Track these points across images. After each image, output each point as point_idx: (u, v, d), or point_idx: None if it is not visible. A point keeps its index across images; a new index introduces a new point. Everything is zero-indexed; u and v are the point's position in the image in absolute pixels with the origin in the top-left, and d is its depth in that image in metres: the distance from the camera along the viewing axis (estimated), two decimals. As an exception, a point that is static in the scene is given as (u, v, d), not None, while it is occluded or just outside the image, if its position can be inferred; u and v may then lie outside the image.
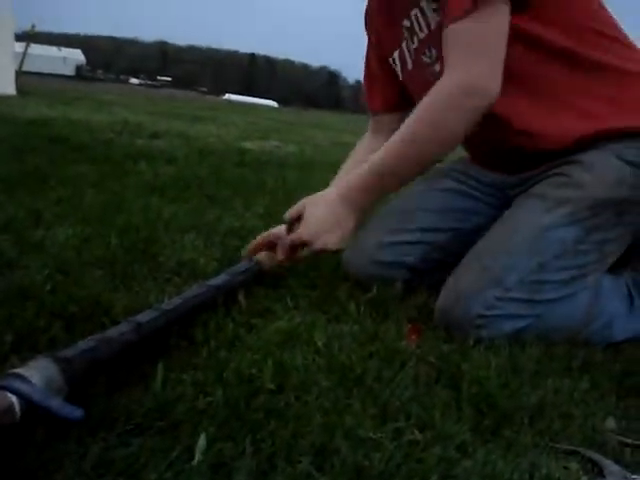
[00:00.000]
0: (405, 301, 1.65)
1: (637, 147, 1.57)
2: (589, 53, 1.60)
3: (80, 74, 61.87)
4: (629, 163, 1.56)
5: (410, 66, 1.80)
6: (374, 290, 1.66)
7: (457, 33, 1.49)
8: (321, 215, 1.58)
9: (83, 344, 1.07)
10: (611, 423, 1.22)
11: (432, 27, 1.65)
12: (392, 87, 1.93)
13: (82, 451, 0.90)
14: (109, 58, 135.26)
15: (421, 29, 1.68)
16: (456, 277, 1.57)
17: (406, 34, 1.74)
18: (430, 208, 1.83)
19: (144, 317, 1.22)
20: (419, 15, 1.66)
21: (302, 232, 1.58)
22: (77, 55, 68.63)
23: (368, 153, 1.82)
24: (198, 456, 0.92)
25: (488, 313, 1.50)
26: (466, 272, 1.56)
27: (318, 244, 1.58)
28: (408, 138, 1.55)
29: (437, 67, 1.69)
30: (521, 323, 1.52)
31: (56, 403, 0.89)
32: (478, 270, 1.54)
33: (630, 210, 1.58)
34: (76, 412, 0.88)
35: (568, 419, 1.19)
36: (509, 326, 1.51)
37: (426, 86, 1.58)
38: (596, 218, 1.54)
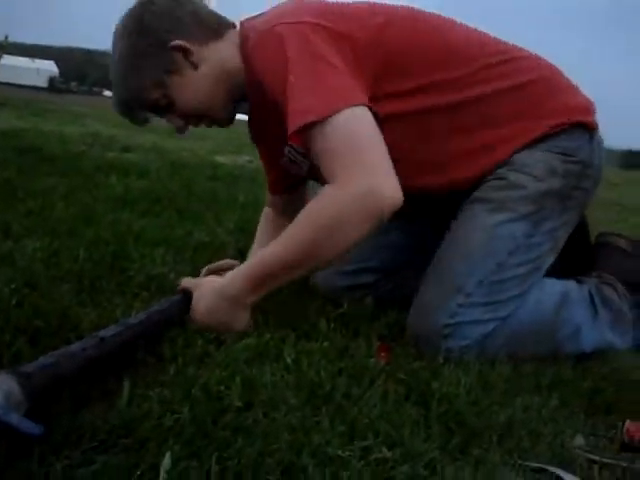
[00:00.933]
0: (375, 318, 1.65)
1: (561, 140, 1.60)
2: (467, 93, 1.60)
3: (53, 86, 61.47)
4: (555, 153, 1.59)
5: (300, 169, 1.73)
6: (344, 306, 1.65)
7: (318, 145, 1.41)
8: (208, 307, 1.45)
9: (44, 359, 1.06)
10: (580, 440, 1.22)
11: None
12: (279, 172, 1.90)
13: (44, 470, 0.88)
14: (83, 70, 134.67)
15: (301, 166, 1.67)
16: (420, 291, 1.58)
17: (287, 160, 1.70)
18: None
19: (107, 332, 1.21)
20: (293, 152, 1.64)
21: (194, 318, 1.46)
22: (50, 67, 68.33)
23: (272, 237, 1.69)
24: (163, 475, 0.91)
25: (452, 321, 1.51)
26: (427, 285, 1.58)
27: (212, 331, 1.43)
28: (296, 248, 1.42)
29: None
30: (486, 328, 1.53)
31: (16, 418, 0.87)
32: (438, 281, 1.56)
33: (571, 195, 1.61)
34: (35, 428, 0.86)
35: (537, 437, 1.19)
36: (475, 332, 1.52)
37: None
38: (542, 210, 1.57)
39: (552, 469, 1.09)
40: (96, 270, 1.71)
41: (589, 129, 1.63)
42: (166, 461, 0.93)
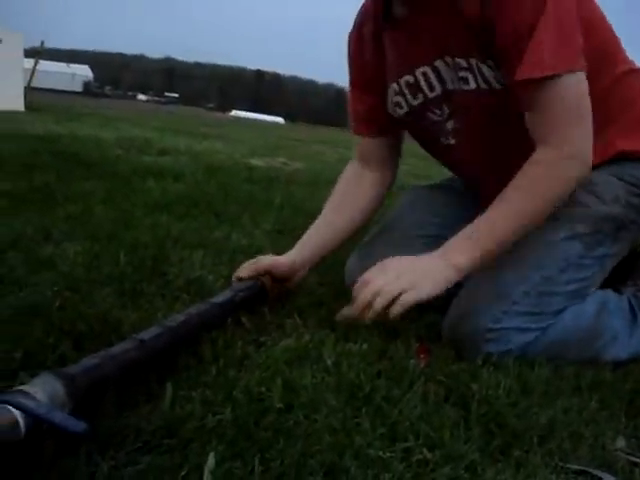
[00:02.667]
0: (414, 320, 1.65)
1: (631, 168, 1.62)
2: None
3: (88, 90, 62.18)
4: (625, 182, 1.60)
5: (403, 110, 1.75)
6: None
7: (548, 99, 1.46)
8: (410, 264, 1.48)
9: (87, 361, 1.08)
10: (621, 442, 1.21)
11: (455, 87, 1.61)
12: (377, 111, 1.84)
13: (91, 469, 0.90)
14: (117, 74, 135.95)
15: (432, 88, 1.65)
16: (466, 293, 1.57)
17: (405, 89, 1.70)
18: (431, 221, 1.87)
19: (148, 334, 1.23)
20: (430, 74, 1.63)
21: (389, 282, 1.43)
22: (85, 71, 69.10)
23: (354, 187, 1.87)
24: (207, 475, 0.92)
25: (496, 327, 1.50)
26: (475, 287, 1.56)
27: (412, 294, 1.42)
28: (506, 208, 1.51)
29: (450, 124, 1.68)
30: (528, 336, 1.52)
31: (60, 416, 0.89)
32: (486, 285, 1.55)
33: (626, 226, 1.61)
34: (80, 425, 0.87)
35: (578, 439, 1.18)
36: (517, 340, 1.51)
37: (425, 134, 1.64)
38: (598, 234, 1.58)
39: (594, 471, 1.09)
40: (136, 274, 1.73)
41: None
42: (210, 461, 0.94)
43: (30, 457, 0.89)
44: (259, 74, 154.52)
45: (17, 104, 9.05)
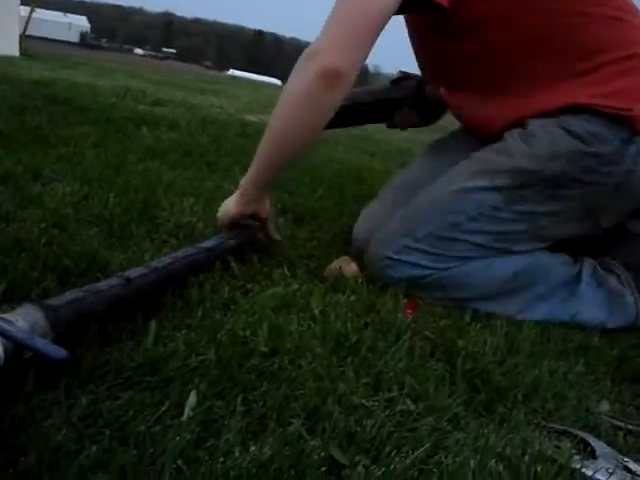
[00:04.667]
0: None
1: (585, 120, 1.52)
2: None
3: (84, 41, 61.63)
4: (571, 133, 1.52)
5: None
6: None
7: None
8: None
9: (70, 294, 1.06)
10: (605, 406, 1.21)
11: None
12: None
13: (70, 402, 0.89)
14: (114, 27, 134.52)
15: None
16: (389, 220, 1.65)
17: None
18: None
19: (134, 272, 1.21)
20: None
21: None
22: (82, 22, 68.39)
23: None
24: (188, 412, 0.91)
25: (395, 257, 1.57)
26: (394, 216, 1.64)
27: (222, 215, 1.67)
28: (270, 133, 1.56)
29: None
30: (422, 272, 1.56)
31: (41, 342, 0.87)
32: (398, 218, 1.62)
33: (563, 184, 1.54)
34: (61, 352, 0.86)
35: (562, 400, 1.19)
36: (410, 273, 1.56)
37: None
38: (522, 189, 1.54)
39: (576, 432, 1.08)
40: (126, 216, 1.71)
41: (632, 129, 1.52)
42: (191, 399, 0.93)
43: (9, 387, 0.88)
44: (258, 34, 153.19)
45: (12, 50, 8.93)
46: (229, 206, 1.65)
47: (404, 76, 1.96)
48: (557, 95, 1.53)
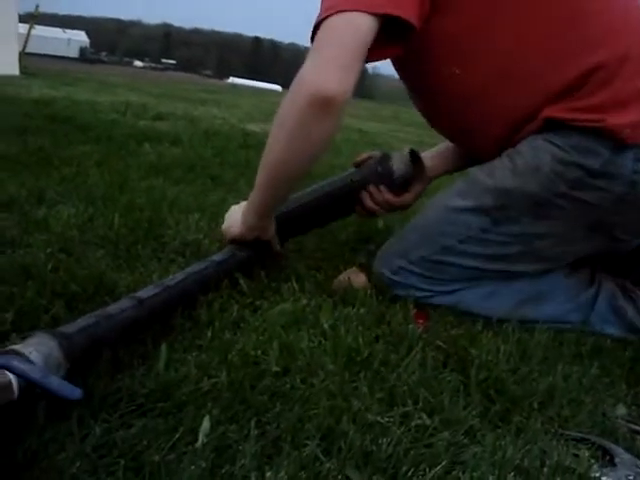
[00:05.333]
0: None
1: (563, 135, 1.45)
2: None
3: (84, 56, 61.79)
4: (553, 144, 1.45)
5: None
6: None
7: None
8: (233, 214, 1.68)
9: (83, 320, 1.05)
10: (621, 410, 1.20)
11: None
12: None
13: (83, 432, 0.89)
14: (113, 40, 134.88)
15: None
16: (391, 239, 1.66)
17: None
18: None
19: (146, 293, 1.20)
20: None
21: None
22: (81, 37, 68.53)
23: None
24: (202, 438, 0.90)
25: (392, 277, 1.58)
26: (395, 236, 1.67)
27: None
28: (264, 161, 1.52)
29: None
30: (423, 294, 1.56)
31: (55, 382, 0.87)
32: (399, 237, 1.64)
33: (557, 203, 1.47)
34: (75, 391, 0.86)
35: (578, 405, 1.18)
36: (412, 293, 1.55)
37: None
38: (507, 209, 1.49)
39: (594, 438, 1.07)
40: (131, 236, 1.70)
41: (614, 140, 1.42)
42: (205, 425, 0.92)
43: (22, 419, 0.88)
44: (256, 41, 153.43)
45: (12, 69, 8.96)
46: (233, 225, 1.65)
47: (366, 157, 1.85)
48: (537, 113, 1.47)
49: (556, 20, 1.45)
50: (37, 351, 0.92)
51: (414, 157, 1.81)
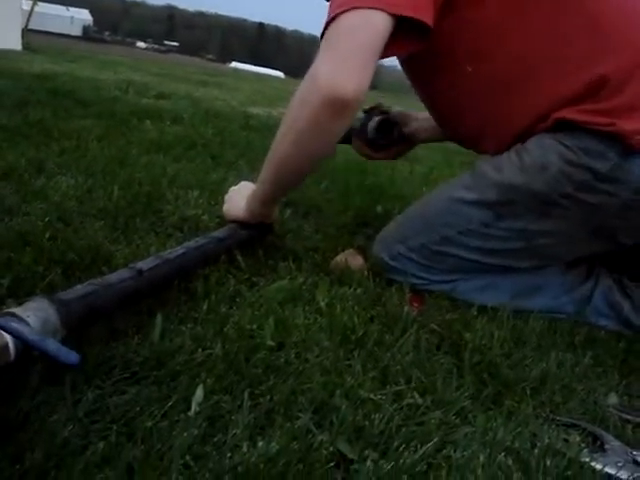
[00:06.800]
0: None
1: (574, 136, 1.43)
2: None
3: (87, 35, 61.60)
4: (563, 145, 1.43)
5: None
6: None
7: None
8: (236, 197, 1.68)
9: (82, 288, 1.05)
10: (613, 399, 1.21)
11: None
12: None
13: (76, 397, 0.89)
14: (116, 20, 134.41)
15: None
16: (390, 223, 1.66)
17: None
18: None
19: (146, 264, 1.20)
20: None
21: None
22: (84, 15, 68.28)
23: None
24: (195, 407, 0.91)
25: (390, 263, 1.58)
26: (394, 221, 1.66)
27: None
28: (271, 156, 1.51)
29: None
30: (420, 281, 1.56)
31: (53, 346, 0.86)
32: (398, 223, 1.63)
33: (562, 203, 1.45)
34: (72, 356, 0.85)
35: (570, 392, 1.18)
36: (409, 280, 1.55)
37: None
38: (512, 205, 1.48)
39: (585, 425, 1.08)
40: (130, 209, 1.70)
41: (624, 145, 1.40)
42: (198, 393, 0.93)
43: (14, 382, 0.88)
44: (260, 27, 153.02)
45: (15, 44, 8.92)
46: (235, 208, 1.65)
47: (373, 106, 2.02)
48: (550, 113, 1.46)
49: (573, 27, 1.44)
50: (35, 315, 0.92)
51: (387, 126, 1.99)
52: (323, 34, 1.37)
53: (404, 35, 1.38)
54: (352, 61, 1.33)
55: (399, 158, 2.15)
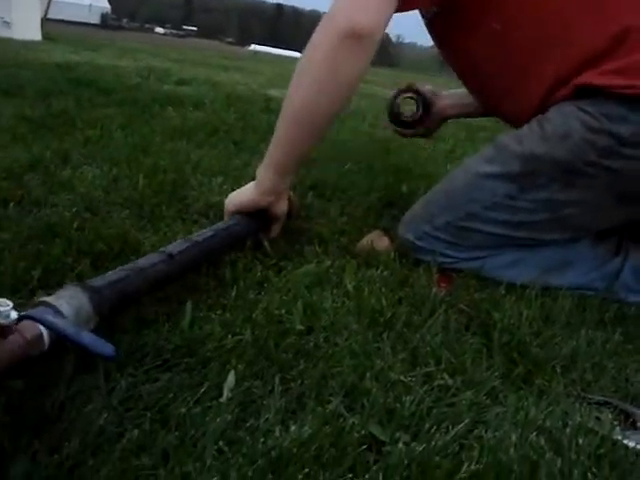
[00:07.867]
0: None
1: (597, 102, 1.41)
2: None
3: (105, 22, 61.63)
4: (583, 111, 1.42)
5: None
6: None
7: None
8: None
9: (113, 274, 1.05)
10: (644, 376, 1.20)
11: None
12: None
13: (110, 386, 0.90)
14: (134, 6, 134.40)
15: None
16: (416, 202, 1.64)
17: None
18: None
19: (176, 248, 1.21)
20: None
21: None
22: (102, 3, 68.22)
23: None
24: (227, 393, 0.91)
25: (417, 243, 1.56)
26: (420, 200, 1.63)
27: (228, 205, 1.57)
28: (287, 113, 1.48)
29: None
30: (447, 260, 1.55)
31: (88, 338, 0.87)
32: (424, 202, 1.60)
33: (587, 171, 1.43)
34: (108, 348, 0.86)
35: (601, 370, 1.17)
36: (436, 259, 1.53)
37: None
38: (535, 176, 1.46)
39: (616, 402, 1.07)
40: (156, 197, 1.71)
41: None
42: (230, 379, 0.94)
43: (49, 372, 0.89)
44: (278, 8, 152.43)
45: (34, 34, 8.96)
46: (242, 194, 1.56)
47: (410, 85, 2.09)
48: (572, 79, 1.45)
49: None
50: (68, 304, 0.92)
51: (415, 102, 2.07)
52: None
53: None
54: (369, 0, 1.36)
55: (432, 135, 2.18)
